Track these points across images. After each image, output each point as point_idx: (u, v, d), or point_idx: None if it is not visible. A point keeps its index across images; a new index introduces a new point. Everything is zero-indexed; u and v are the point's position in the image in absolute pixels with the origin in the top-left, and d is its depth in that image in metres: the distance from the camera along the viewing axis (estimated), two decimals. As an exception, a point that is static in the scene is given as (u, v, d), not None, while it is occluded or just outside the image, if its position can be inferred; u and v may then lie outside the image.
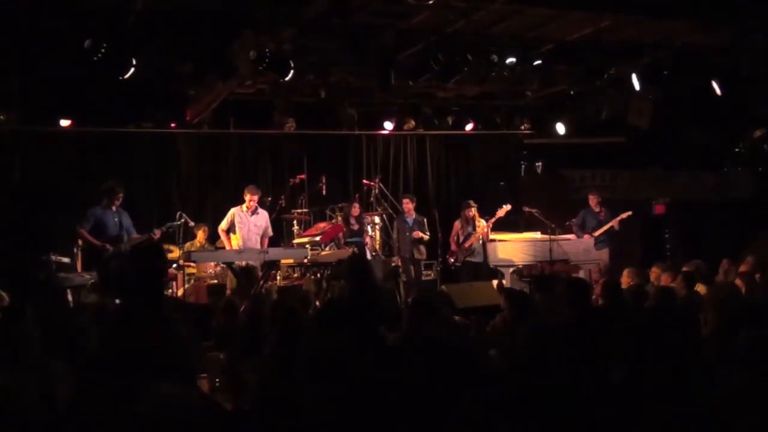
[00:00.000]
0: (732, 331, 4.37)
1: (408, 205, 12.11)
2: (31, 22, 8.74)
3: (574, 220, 12.68)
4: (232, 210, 10.78)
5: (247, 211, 10.72)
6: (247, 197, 10.69)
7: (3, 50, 9.30)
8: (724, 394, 3.83)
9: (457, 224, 11.98)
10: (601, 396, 4.04)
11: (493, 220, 11.73)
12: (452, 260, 12.00)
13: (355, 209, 11.72)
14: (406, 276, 11.81)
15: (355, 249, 10.88)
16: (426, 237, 11.92)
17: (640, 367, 4.14)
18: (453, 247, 12.01)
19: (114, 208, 9.96)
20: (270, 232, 10.97)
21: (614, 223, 12.29)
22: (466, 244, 11.77)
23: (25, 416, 2.68)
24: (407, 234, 11.93)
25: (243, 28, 9.29)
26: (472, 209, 11.81)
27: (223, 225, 10.75)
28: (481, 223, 11.71)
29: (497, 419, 3.71)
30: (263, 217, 10.88)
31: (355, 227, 11.57)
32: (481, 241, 11.70)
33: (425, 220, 12.06)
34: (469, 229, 11.80)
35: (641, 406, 3.85)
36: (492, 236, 11.77)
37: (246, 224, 10.67)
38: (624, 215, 12.32)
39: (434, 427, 3.63)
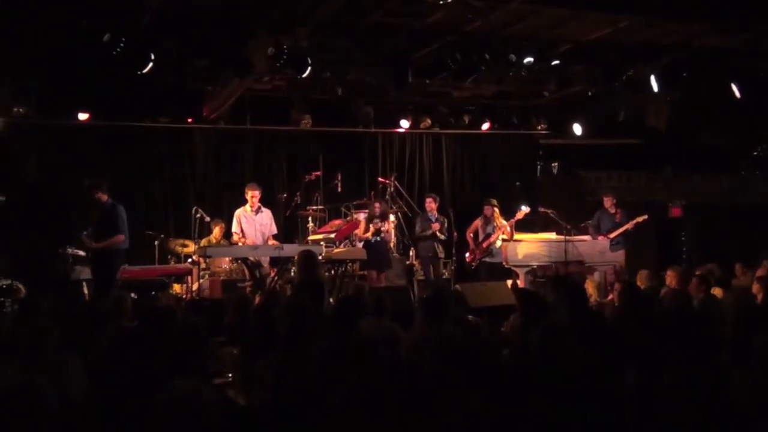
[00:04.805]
0: (749, 334, 4.34)
1: (431, 204, 11.98)
2: (50, 16, 8.80)
3: (590, 221, 12.61)
4: (237, 212, 10.80)
5: (251, 211, 10.71)
6: (249, 194, 10.69)
7: (22, 44, 9.37)
8: (739, 397, 3.81)
9: (478, 222, 11.93)
10: (615, 398, 4.02)
11: (513, 221, 11.67)
12: (469, 259, 11.97)
13: (376, 208, 11.55)
14: (425, 275, 11.76)
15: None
16: (442, 236, 11.81)
17: (655, 369, 4.13)
18: (470, 243, 11.97)
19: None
20: (274, 230, 10.89)
21: (629, 226, 12.17)
22: (484, 244, 11.73)
23: (41, 411, 2.70)
24: (430, 232, 11.76)
25: (260, 26, 9.31)
26: (492, 208, 11.75)
27: (235, 228, 10.78)
28: (502, 224, 11.66)
29: (509, 419, 3.71)
30: (267, 216, 10.88)
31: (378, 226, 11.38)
32: (500, 242, 11.64)
33: (446, 221, 11.98)
34: (489, 229, 11.77)
35: (655, 408, 3.84)
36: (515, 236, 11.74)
37: (252, 224, 10.68)
38: (640, 219, 12.16)
39: (446, 425, 3.63)
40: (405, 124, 13.56)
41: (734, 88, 11.31)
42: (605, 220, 12.45)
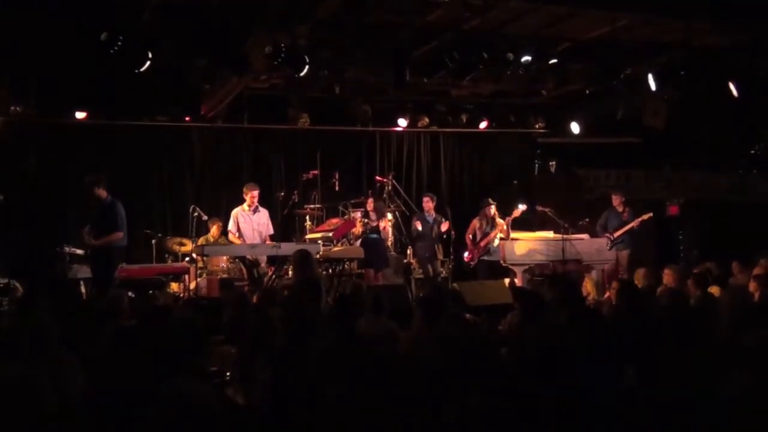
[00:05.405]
0: (746, 333, 4.36)
1: (428, 203, 12.01)
2: (49, 15, 8.78)
3: (587, 220, 12.62)
4: (234, 211, 10.84)
5: (249, 210, 10.74)
6: (248, 195, 10.72)
7: (20, 42, 9.35)
8: (734, 395, 3.82)
9: (476, 222, 11.91)
10: (612, 396, 4.03)
11: (509, 219, 11.69)
12: (468, 259, 11.98)
13: (369, 203, 11.60)
14: (424, 275, 11.76)
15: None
16: (445, 235, 11.86)
17: (652, 367, 4.13)
18: (469, 244, 11.97)
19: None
20: (271, 230, 10.95)
21: (635, 224, 12.22)
22: (482, 243, 11.72)
23: (39, 407, 2.70)
24: (428, 231, 11.79)
25: (258, 24, 9.30)
26: (492, 207, 11.75)
27: (231, 227, 10.80)
28: (499, 222, 11.66)
29: (506, 417, 3.71)
30: (265, 216, 10.91)
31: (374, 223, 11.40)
32: (497, 240, 11.63)
33: (443, 219, 11.98)
34: (487, 228, 11.76)
35: (652, 406, 3.84)
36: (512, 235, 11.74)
37: (249, 224, 10.71)
38: (645, 216, 12.22)
39: (444, 424, 3.63)
40: (403, 122, 13.55)
41: (732, 87, 11.30)
42: (612, 219, 12.50)
